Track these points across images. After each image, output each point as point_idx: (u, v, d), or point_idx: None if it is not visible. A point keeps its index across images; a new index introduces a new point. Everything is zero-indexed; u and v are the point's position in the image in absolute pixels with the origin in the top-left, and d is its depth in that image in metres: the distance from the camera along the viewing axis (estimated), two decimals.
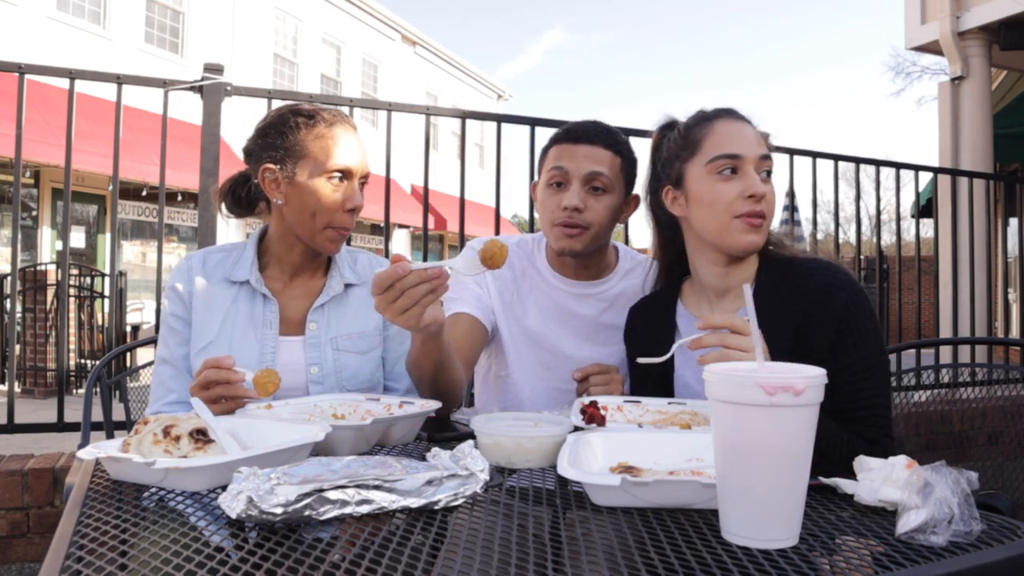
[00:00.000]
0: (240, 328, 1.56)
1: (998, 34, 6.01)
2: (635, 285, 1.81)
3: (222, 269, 1.61)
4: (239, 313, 1.58)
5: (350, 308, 1.65)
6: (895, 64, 31.92)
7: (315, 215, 1.53)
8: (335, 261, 1.66)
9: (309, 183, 1.53)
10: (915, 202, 4.69)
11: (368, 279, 1.67)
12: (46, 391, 6.77)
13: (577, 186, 1.67)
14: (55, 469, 2.57)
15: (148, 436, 1.08)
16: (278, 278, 1.62)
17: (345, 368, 1.60)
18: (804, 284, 1.37)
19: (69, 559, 0.76)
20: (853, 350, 1.33)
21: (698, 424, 1.29)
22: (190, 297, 1.58)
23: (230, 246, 1.66)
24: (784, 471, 0.81)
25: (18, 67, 2.70)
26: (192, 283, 1.59)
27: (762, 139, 1.44)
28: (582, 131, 1.70)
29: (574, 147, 1.69)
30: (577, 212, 1.65)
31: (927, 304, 5.97)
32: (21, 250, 5.86)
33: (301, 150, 1.53)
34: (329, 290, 1.62)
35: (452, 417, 1.60)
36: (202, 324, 1.56)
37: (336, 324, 1.62)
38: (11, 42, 9.74)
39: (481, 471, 0.98)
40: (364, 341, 1.64)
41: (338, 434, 1.18)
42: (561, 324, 1.78)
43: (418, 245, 18.77)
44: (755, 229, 1.39)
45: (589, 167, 1.67)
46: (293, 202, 1.55)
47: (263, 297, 1.59)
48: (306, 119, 1.55)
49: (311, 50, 16.03)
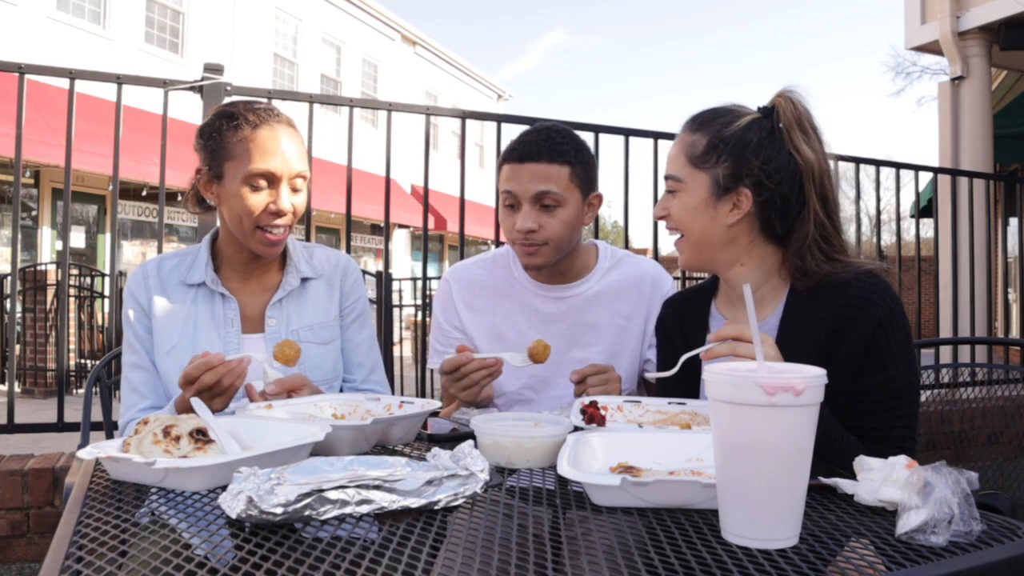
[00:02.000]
0: (202, 328, 1.57)
1: (998, 34, 6.01)
2: (616, 281, 1.82)
3: (177, 274, 1.61)
4: (199, 314, 1.58)
5: (309, 300, 1.66)
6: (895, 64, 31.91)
7: (241, 219, 1.52)
8: (290, 256, 1.66)
9: (233, 187, 1.52)
10: (915, 202, 4.69)
11: (325, 272, 1.69)
12: (46, 391, 6.77)
13: (528, 208, 1.66)
14: (55, 469, 2.57)
15: (148, 436, 1.08)
16: (233, 277, 1.63)
17: (308, 359, 1.60)
18: (837, 296, 1.32)
19: (69, 559, 0.76)
20: (881, 370, 1.28)
21: (698, 424, 1.29)
22: (149, 304, 1.59)
23: (183, 251, 1.67)
24: (784, 471, 0.81)
25: (18, 67, 2.70)
26: (148, 290, 1.59)
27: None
28: (526, 149, 1.68)
29: (520, 167, 1.67)
30: (531, 233, 1.66)
31: (927, 304, 5.97)
32: (21, 250, 5.85)
33: (226, 153, 1.52)
34: (286, 285, 1.63)
35: (452, 417, 1.60)
36: (163, 329, 1.57)
37: (296, 317, 1.63)
38: (11, 42, 9.74)
39: (481, 471, 0.98)
40: (325, 331, 1.65)
41: (338, 434, 1.18)
42: (543, 331, 1.78)
43: (418, 245, 18.77)
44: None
45: (536, 187, 1.65)
46: (224, 205, 1.55)
47: (221, 296, 1.60)
48: (229, 120, 1.53)
49: (311, 50, 16.03)
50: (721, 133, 1.39)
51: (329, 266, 1.71)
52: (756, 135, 1.38)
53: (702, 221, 1.40)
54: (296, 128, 1.61)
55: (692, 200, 1.40)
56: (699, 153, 1.39)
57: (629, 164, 3.47)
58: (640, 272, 1.84)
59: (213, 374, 1.29)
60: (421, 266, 3.40)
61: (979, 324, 4.83)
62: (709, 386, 0.85)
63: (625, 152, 3.47)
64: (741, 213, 1.38)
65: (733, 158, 1.37)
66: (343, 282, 1.71)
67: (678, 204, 1.41)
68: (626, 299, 1.82)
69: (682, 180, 1.41)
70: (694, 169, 1.39)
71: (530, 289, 1.82)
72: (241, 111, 1.54)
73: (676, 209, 1.41)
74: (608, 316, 1.80)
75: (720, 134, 1.39)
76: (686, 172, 1.40)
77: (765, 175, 1.36)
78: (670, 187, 1.42)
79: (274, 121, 1.54)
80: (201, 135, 1.57)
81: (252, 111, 1.54)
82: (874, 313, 1.28)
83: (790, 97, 1.39)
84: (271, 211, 1.51)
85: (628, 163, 3.48)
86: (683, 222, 1.41)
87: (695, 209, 1.39)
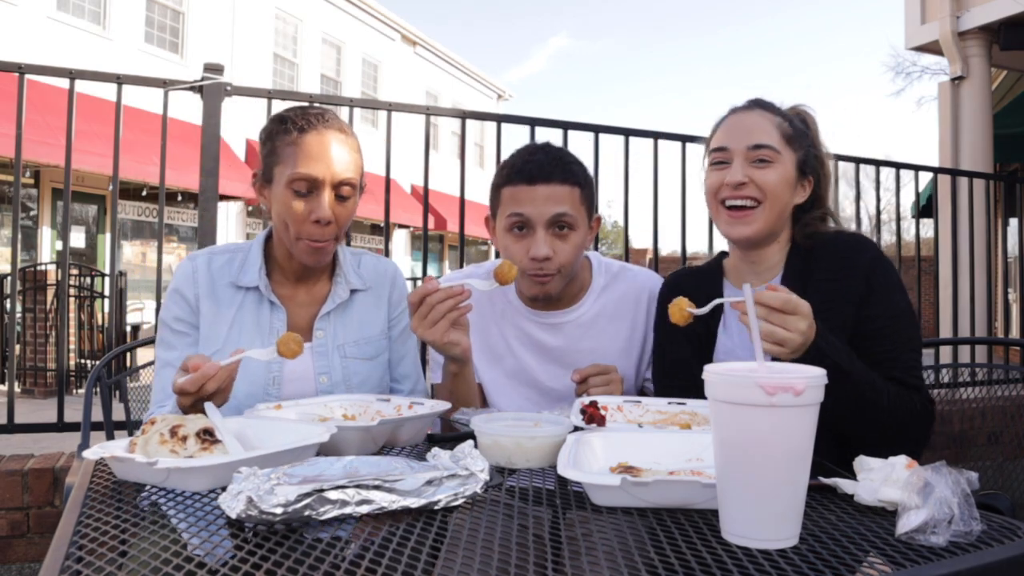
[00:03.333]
0: (247, 335, 1.53)
1: (998, 34, 6.00)
2: (613, 301, 1.74)
3: (228, 272, 1.57)
4: (245, 320, 1.54)
5: (355, 314, 1.62)
6: (895, 64, 31.96)
7: (285, 226, 1.50)
8: (340, 265, 1.62)
9: (278, 192, 1.50)
10: (915, 202, 4.69)
11: (373, 283, 1.65)
12: (46, 391, 6.76)
13: (542, 232, 1.57)
14: (55, 469, 2.57)
15: (155, 436, 1.08)
16: (284, 283, 1.59)
17: (354, 375, 1.57)
18: (830, 250, 1.48)
19: (69, 559, 0.76)
20: (884, 297, 1.41)
21: (698, 424, 1.29)
22: (197, 301, 1.54)
23: (234, 247, 1.62)
24: (784, 471, 0.81)
25: (18, 67, 2.70)
26: (198, 287, 1.54)
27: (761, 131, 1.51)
28: (537, 169, 1.58)
29: (531, 189, 1.57)
30: (547, 261, 1.58)
31: (927, 304, 5.97)
32: (21, 250, 5.86)
33: (276, 157, 1.50)
34: (335, 297, 1.59)
35: (452, 417, 1.59)
36: (210, 331, 1.53)
37: (343, 331, 1.59)
38: (11, 42, 9.73)
39: (481, 471, 0.98)
40: (371, 347, 1.61)
41: (345, 435, 1.17)
42: (539, 358, 1.73)
43: (418, 245, 18.77)
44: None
45: (552, 209, 1.57)
46: (272, 210, 1.53)
47: (270, 304, 1.55)
48: (280, 124, 1.51)
49: (311, 50, 16.03)
50: (795, 124, 1.53)
51: (377, 276, 1.67)
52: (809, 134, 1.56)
53: (788, 195, 1.50)
54: (350, 134, 1.56)
55: (786, 173, 1.49)
56: (790, 133, 1.51)
57: (629, 164, 3.48)
58: (638, 287, 1.76)
59: (215, 381, 1.26)
60: (421, 266, 3.40)
61: (979, 324, 4.83)
62: (709, 386, 0.85)
63: (625, 152, 3.47)
64: (804, 197, 1.54)
65: (808, 147, 1.54)
66: (391, 293, 1.67)
67: (774, 173, 1.48)
68: (624, 318, 1.74)
69: (779, 152, 1.49)
70: (787, 146, 1.50)
71: (523, 314, 1.74)
72: (292, 115, 1.52)
73: (771, 177, 1.48)
74: (608, 341, 1.73)
75: (795, 124, 1.53)
76: (781, 145, 1.49)
77: (815, 167, 1.55)
78: (765, 155, 1.48)
79: (323, 126, 1.50)
80: (260, 139, 1.57)
81: (303, 115, 1.52)
82: (867, 253, 1.44)
83: (807, 111, 1.62)
84: (312, 219, 1.48)
85: (628, 163, 3.48)
86: (775, 191, 1.48)
87: (787, 182, 1.49)
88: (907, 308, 1.43)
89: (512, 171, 1.62)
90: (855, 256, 1.45)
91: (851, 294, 1.42)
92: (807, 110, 1.62)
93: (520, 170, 1.60)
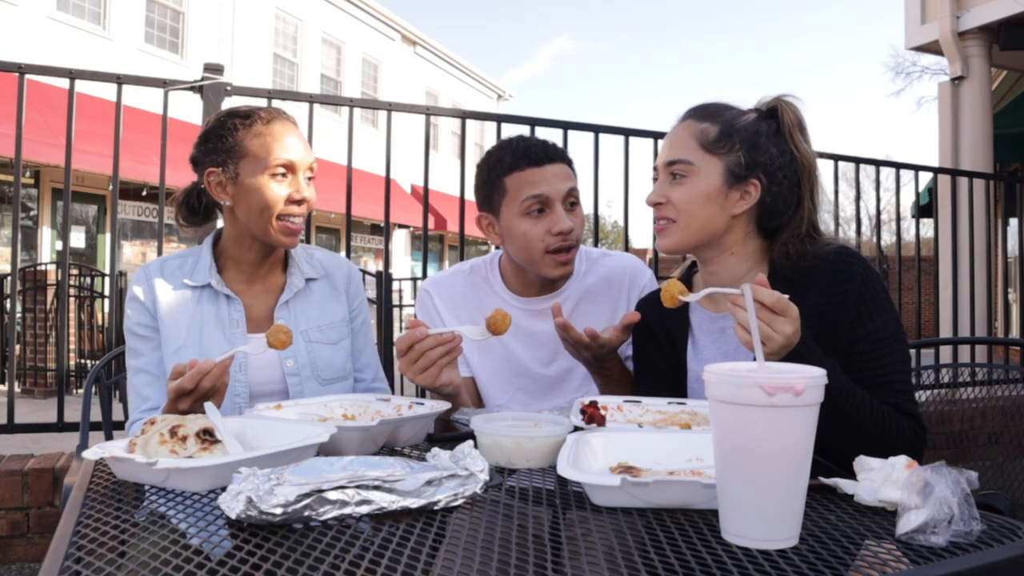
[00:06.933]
0: (208, 329, 1.59)
1: (998, 34, 6.00)
2: (595, 283, 1.78)
3: (180, 274, 1.63)
4: (205, 315, 1.60)
5: (315, 301, 1.68)
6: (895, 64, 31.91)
7: (263, 211, 1.55)
8: (292, 258, 1.69)
9: (253, 181, 1.55)
10: (915, 202, 4.69)
11: (327, 272, 1.72)
12: (46, 391, 6.76)
13: (560, 208, 1.63)
14: (55, 469, 2.57)
15: (155, 436, 1.08)
16: (237, 279, 1.65)
17: (319, 359, 1.63)
18: (819, 268, 1.38)
19: (68, 559, 0.76)
20: (875, 318, 1.35)
21: (698, 424, 1.29)
22: (154, 304, 1.60)
23: (185, 252, 1.68)
24: (784, 471, 0.81)
25: (18, 67, 2.70)
26: (153, 290, 1.60)
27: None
28: (543, 152, 1.65)
29: (541, 170, 1.63)
30: (572, 233, 1.63)
31: (927, 304, 5.97)
32: (21, 250, 5.86)
33: (241, 150, 1.56)
34: (291, 286, 1.65)
35: (452, 417, 1.59)
36: (169, 330, 1.58)
37: (304, 318, 1.64)
38: (11, 42, 9.73)
39: (481, 471, 0.98)
40: (334, 331, 1.67)
41: (344, 435, 1.18)
42: (528, 346, 1.76)
43: (418, 245, 18.77)
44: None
45: (566, 185, 1.64)
46: (241, 202, 1.57)
47: (226, 298, 1.61)
48: (243, 119, 1.58)
49: (311, 50, 16.03)
50: (733, 123, 1.41)
51: (331, 267, 1.74)
52: (766, 129, 1.42)
53: (709, 209, 1.40)
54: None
55: (703, 186, 1.40)
56: (712, 139, 1.40)
57: (629, 164, 3.48)
58: (619, 267, 1.81)
59: (210, 378, 1.28)
60: (421, 266, 3.40)
61: (979, 324, 4.83)
62: (709, 386, 0.85)
63: (625, 152, 3.48)
64: (749, 203, 1.41)
65: (747, 147, 1.40)
66: (348, 285, 1.74)
67: (685, 190, 1.40)
68: (606, 298, 1.78)
69: (693, 164, 1.40)
70: (707, 154, 1.40)
71: (510, 303, 1.77)
72: (250, 110, 1.60)
73: (681, 195, 1.40)
74: (592, 322, 1.70)
75: (732, 124, 1.41)
76: (698, 157, 1.40)
77: (776, 167, 1.40)
78: (678, 171, 1.41)
79: (282, 117, 1.61)
80: (207, 140, 1.60)
81: (260, 109, 1.61)
82: (856, 271, 1.35)
83: (788, 101, 1.45)
84: (294, 199, 1.56)
85: (628, 163, 3.48)
86: (687, 209, 1.40)
87: (705, 195, 1.40)
88: (895, 328, 1.35)
89: (515, 157, 1.65)
90: (845, 279, 1.35)
91: (841, 324, 1.34)
92: (787, 101, 1.45)
93: (525, 155, 1.65)
